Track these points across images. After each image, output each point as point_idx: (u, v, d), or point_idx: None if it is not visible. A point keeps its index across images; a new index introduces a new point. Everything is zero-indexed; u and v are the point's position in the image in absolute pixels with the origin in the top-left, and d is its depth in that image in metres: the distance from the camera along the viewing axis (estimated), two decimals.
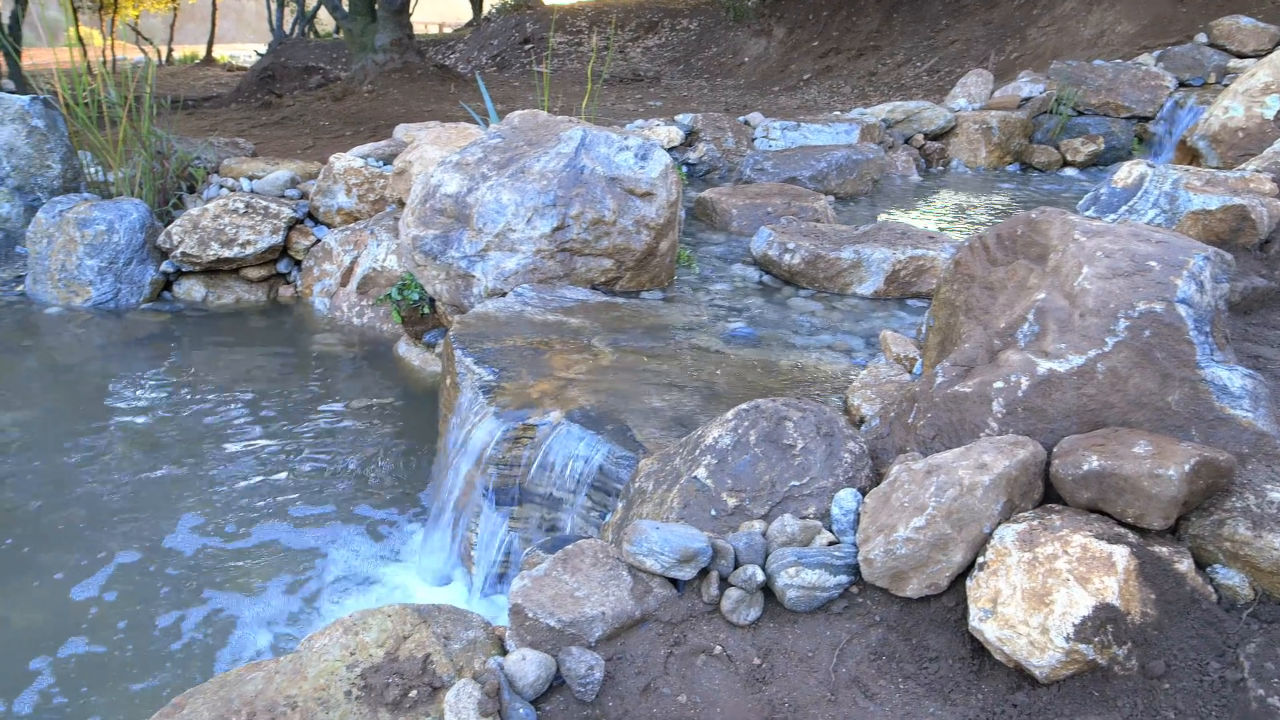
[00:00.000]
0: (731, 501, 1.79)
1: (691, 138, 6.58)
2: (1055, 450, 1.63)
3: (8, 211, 5.11)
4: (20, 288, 5.10)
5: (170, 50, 25.53)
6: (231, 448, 3.46)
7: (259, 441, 3.50)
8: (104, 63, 5.49)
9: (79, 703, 2.24)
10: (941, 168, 7.21)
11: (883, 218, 5.35)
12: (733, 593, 1.60)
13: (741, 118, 7.10)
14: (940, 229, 5.08)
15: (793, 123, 6.79)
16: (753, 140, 6.78)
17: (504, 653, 1.54)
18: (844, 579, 1.63)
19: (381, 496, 3.16)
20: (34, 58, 13.55)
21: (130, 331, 4.65)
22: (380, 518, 3.05)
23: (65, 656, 2.39)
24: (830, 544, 1.68)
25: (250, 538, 2.92)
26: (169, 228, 4.96)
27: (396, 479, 3.27)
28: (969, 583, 1.51)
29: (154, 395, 3.91)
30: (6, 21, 11.53)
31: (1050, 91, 7.37)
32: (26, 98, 5.12)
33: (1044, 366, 1.70)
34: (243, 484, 3.21)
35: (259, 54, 19.72)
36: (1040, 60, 9.30)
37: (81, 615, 2.54)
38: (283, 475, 3.27)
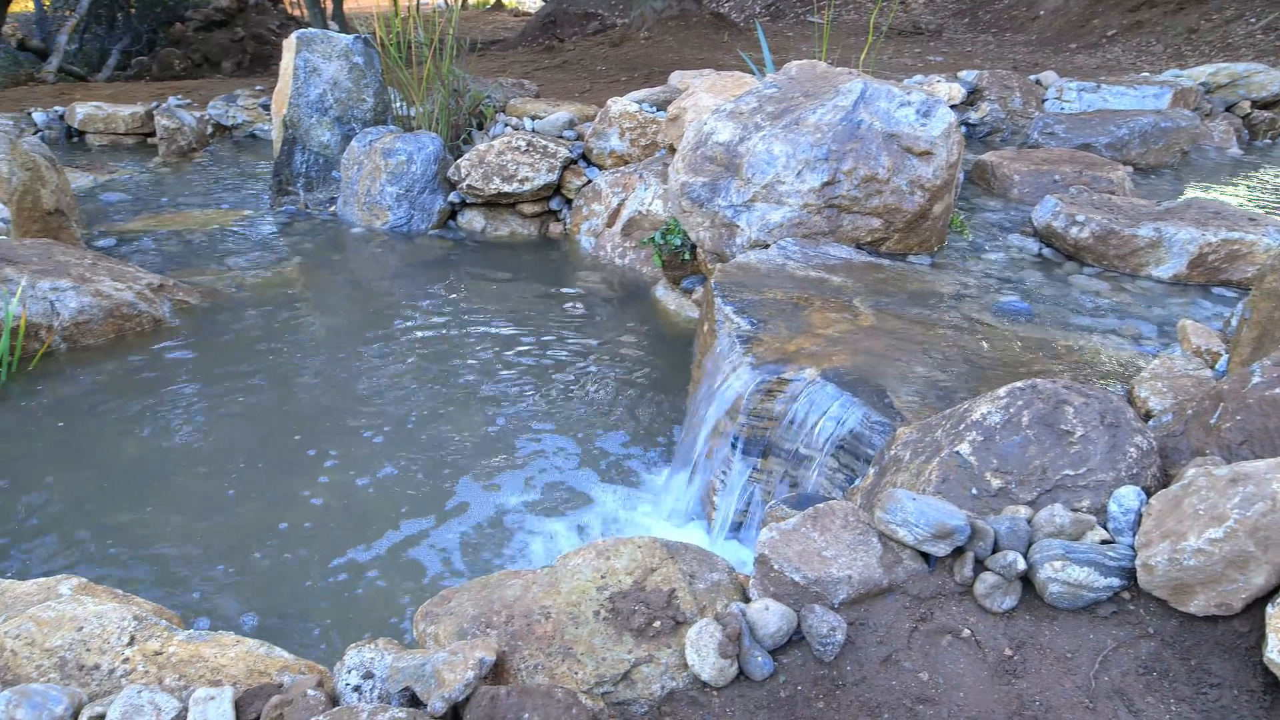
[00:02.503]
0: (995, 482, 1.69)
1: (974, 96, 6.19)
2: None
3: (328, 139, 5.71)
4: (333, 208, 5.72)
5: None
6: (493, 369, 3.72)
7: (519, 366, 3.74)
8: (408, 6, 5.96)
9: (355, 581, 2.53)
10: (1269, 141, 6.34)
11: (1190, 194, 4.79)
12: (988, 577, 1.52)
13: (1032, 76, 6.58)
14: (1263, 210, 4.48)
15: (1091, 84, 6.20)
16: (1043, 102, 6.27)
17: (746, 600, 1.56)
18: (1115, 582, 1.51)
19: (628, 431, 3.28)
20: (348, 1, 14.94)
21: (418, 254, 5.09)
22: (626, 452, 3.17)
23: (344, 539, 2.69)
24: (1103, 542, 1.55)
25: (501, 456, 3.13)
26: (458, 161, 5.35)
27: (644, 417, 3.38)
28: (1269, 610, 1.35)
29: (432, 314, 4.27)
30: None
31: None
32: (350, 37, 5.67)
33: None
34: (500, 404, 3.44)
35: (544, 0, 20.62)
36: None
37: (357, 503, 2.85)
38: (537, 401, 3.48)
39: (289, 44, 5.61)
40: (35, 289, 3.60)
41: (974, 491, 1.70)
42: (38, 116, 7.72)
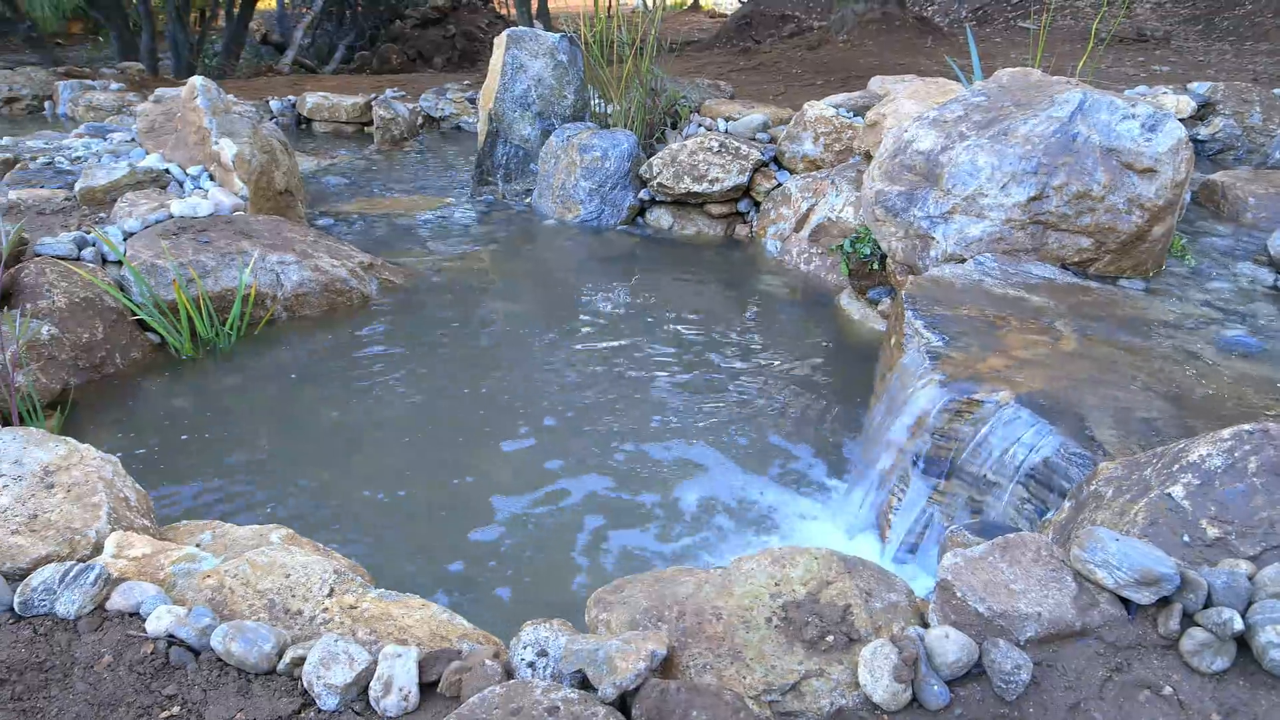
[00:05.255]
0: (1212, 532, 1.56)
1: (1205, 110, 5.69)
2: None
3: (528, 134, 5.95)
4: (528, 200, 5.95)
5: None
6: (671, 366, 3.75)
7: (696, 365, 3.76)
8: (609, 7, 6.11)
9: (523, 558, 2.62)
10: None
11: None
12: (1197, 633, 1.40)
13: (1277, 90, 5.98)
14: None
15: None
16: None
17: (924, 625, 1.51)
18: None
19: (803, 438, 3.24)
20: (552, 0, 15.49)
21: (606, 249, 5.22)
22: (798, 459, 3.13)
23: (516, 517, 2.80)
24: None
25: (672, 452, 3.15)
26: (650, 159, 5.44)
27: (820, 425, 3.33)
28: None
29: (615, 307, 4.36)
30: None
31: None
32: (557, 35, 5.87)
33: None
34: (675, 401, 3.47)
35: (741, 2, 20.61)
36: None
37: (530, 484, 2.95)
38: (712, 400, 3.48)
39: (499, 41, 5.88)
40: (264, 261, 3.94)
41: (1186, 539, 1.57)
42: (274, 104, 8.45)
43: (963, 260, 3.24)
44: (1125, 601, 1.47)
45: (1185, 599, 1.43)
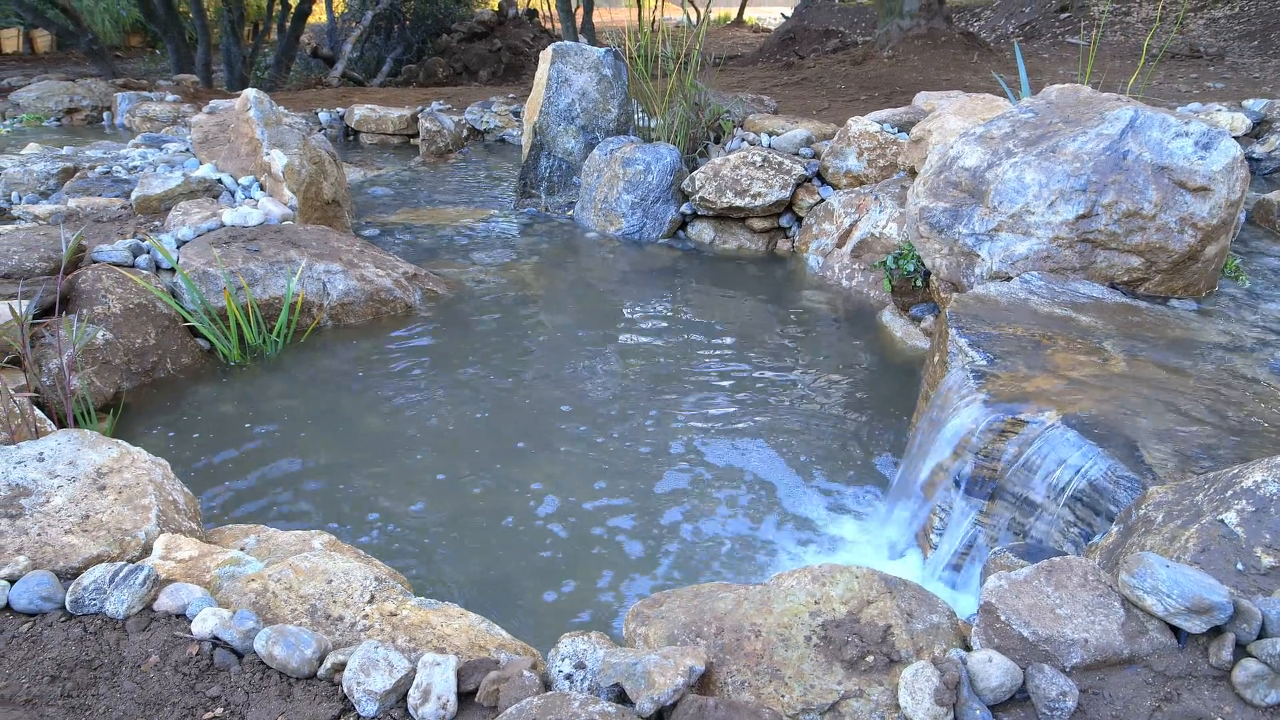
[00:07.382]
0: (1267, 560, 1.52)
1: (1261, 128, 5.58)
2: None
3: (572, 147, 5.99)
4: (570, 213, 5.99)
5: (708, 11, 27.76)
6: (709, 379, 3.75)
7: (736, 380, 3.75)
8: (653, 21, 6.14)
9: (559, 570, 2.63)
10: None
11: None
12: (1251, 664, 1.37)
13: None
14: None
15: None
16: None
17: (966, 648, 1.49)
18: None
19: (843, 456, 3.21)
20: (598, 15, 15.62)
21: (647, 262, 5.23)
22: (839, 476, 3.10)
23: (552, 529, 2.80)
24: None
25: (712, 467, 3.15)
26: (693, 173, 5.45)
27: (861, 443, 3.30)
28: None
29: (655, 321, 4.37)
30: None
31: None
32: (602, 50, 5.92)
33: None
34: (715, 416, 3.46)
35: (785, 17, 20.61)
36: None
37: (567, 496, 2.96)
38: (752, 416, 3.47)
39: (545, 55, 5.94)
40: (312, 270, 4.01)
41: (1239, 567, 1.53)
42: (323, 116, 8.61)
43: (1008, 278, 3.20)
44: (1175, 630, 1.44)
45: (1238, 629, 1.40)
